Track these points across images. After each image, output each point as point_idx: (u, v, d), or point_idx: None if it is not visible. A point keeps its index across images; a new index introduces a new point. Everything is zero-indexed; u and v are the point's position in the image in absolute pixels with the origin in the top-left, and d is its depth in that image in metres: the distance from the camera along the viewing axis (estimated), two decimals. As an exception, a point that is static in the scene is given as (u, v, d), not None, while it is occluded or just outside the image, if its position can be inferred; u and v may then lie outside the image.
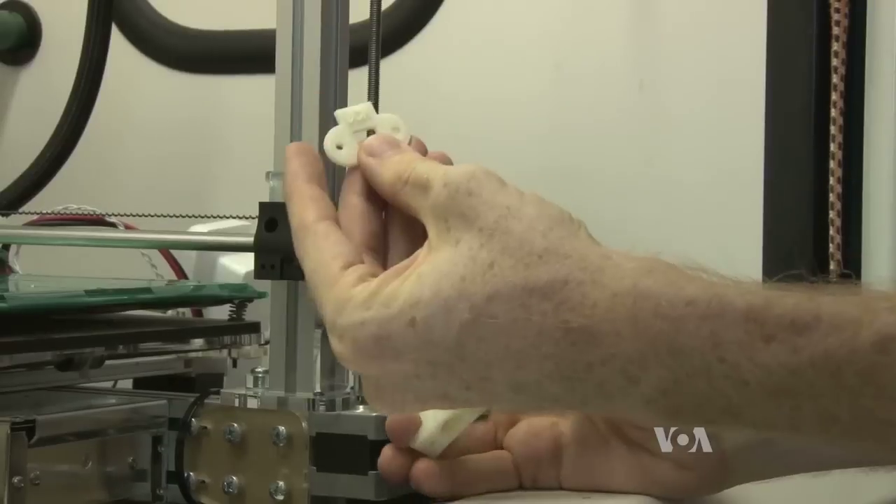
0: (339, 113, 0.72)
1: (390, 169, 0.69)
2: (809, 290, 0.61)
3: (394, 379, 0.65)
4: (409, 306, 0.64)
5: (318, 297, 0.67)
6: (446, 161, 0.72)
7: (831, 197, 1.42)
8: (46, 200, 1.53)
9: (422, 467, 0.80)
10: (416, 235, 0.70)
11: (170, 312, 1.24)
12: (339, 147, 0.72)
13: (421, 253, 0.66)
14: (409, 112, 1.61)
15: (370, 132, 0.72)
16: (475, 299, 0.63)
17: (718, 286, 0.62)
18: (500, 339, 0.63)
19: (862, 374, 0.59)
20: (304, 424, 0.96)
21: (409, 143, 0.72)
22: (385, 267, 0.69)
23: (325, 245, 0.68)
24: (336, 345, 0.66)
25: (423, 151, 0.73)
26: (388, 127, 0.72)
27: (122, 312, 1.13)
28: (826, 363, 0.59)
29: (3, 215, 1.47)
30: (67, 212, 1.36)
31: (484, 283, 0.63)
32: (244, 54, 1.74)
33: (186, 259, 1.36)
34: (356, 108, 0.73)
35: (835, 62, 1.41)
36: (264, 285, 1.05)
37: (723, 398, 0.61)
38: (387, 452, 0.83)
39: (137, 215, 1.30)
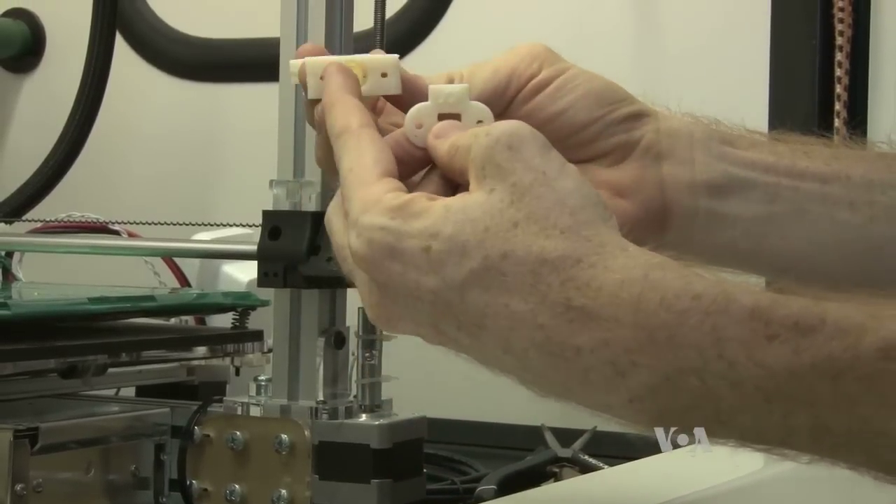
0: (432, 88, 0.71)
1: (447, 141, 0.69)
2: (816, 295, 0.61)
3: (397, 289, 0.65)
4: (428, 234, 0.64)
5: (347, 194, 0.68)
6: None
7: (835, 206, 1.42)
8: (50, 208, 1.53)
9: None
10: None
11: (173, 320, 1.24)
12: (419, 126, 0.70)
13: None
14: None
15: (452, 116, 0.70)
16: (491, 252, 0.63)
17: (727, 284, 0.61)
18: (502, 295, 0.63)
19: (863, 380, 0.58)
20: (306, 433, 0.97)
21: None
22: None
23: (368, 148, 0.68)
24: (353, 240, 0.66)
25: None
26: (474, 117, 0.71)
27: (125, 320, 1.13)
28: (828, 367, 0.58)
29: (6, 223, 1.47)
30: (71, 219, 1.36)
31: (504, 241, 0.63)
32: (248, 62, 1.74)
33: (189, 267, 1.36)
34: (449, 90, 0.71)
35: (838, 72, 1.41)
36: (267, 293, 1.05)
37: (713, 401, 0.61)
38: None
39: (140, 223, 1.30)
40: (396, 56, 0.73)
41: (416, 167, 0.71)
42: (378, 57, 0.73)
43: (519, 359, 0.64)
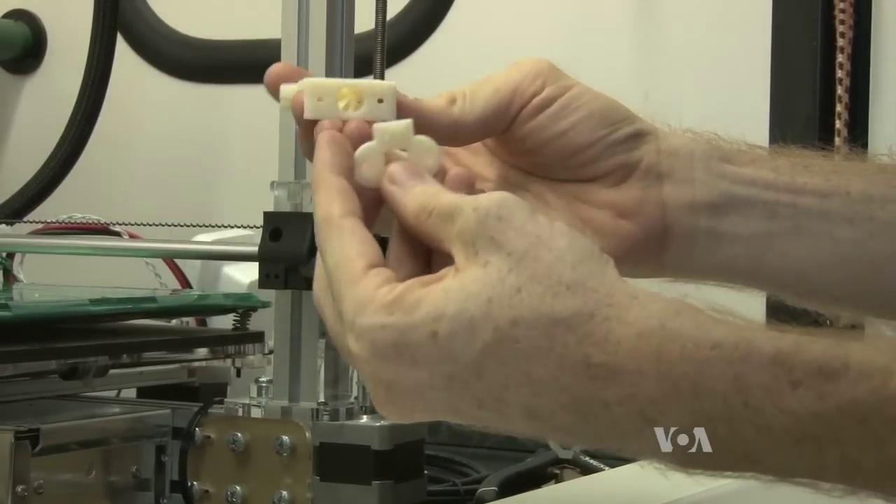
0: (376, 127, 0.70)
1: (415, 200, 0.67)
2: (838, 337, 0.60)
3: (408, 385, 0.64)
4: (432, 319, 0.62)
5: (337, 292, 0.66)
6: (470, 179, 0.71)
7: (836, 208, 1.41)
8: (51, 209, 1.53)
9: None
10: (423, 264, 0.69)
11: (174, 322, 1.24)
12: (367, 168, 0.70)
13: (448, 272, 0.65)
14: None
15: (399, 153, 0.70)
16: (500, 321, 0.62)
17: (746, 330, 0.61)
18: (520, 364, 0.62)
19: (891, 421, 0.58)
20: (307, 434, 0.97)
21: (436, 173, 0.71)
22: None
23: (350, 241, 0.66)
24: (353, 344, 0.64)
25: (444, 174, 0.72)
26: (421, 152, 0.70)
27: (126, 322, 1.13)
28: (854, 411, 0.58)
29: (7, 224, 1.47)
30: (72, 221, 1.36)
31: (511, 307, 0.62)
32: (249, 64, 1.74)
33: (190, 268, 1.36)
34: (394, 128, 0.70)
35: (839, 74, 1.41)
36: (268, 295, 1.05)
37: (743, 444, 0.61)
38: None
39: (141, 224, 1.30)
40: (394, 83, 0.72)
41: (378, 209, 0.69)
42: (375, 82, 0.73)
43: (546, 421, 0.63)
